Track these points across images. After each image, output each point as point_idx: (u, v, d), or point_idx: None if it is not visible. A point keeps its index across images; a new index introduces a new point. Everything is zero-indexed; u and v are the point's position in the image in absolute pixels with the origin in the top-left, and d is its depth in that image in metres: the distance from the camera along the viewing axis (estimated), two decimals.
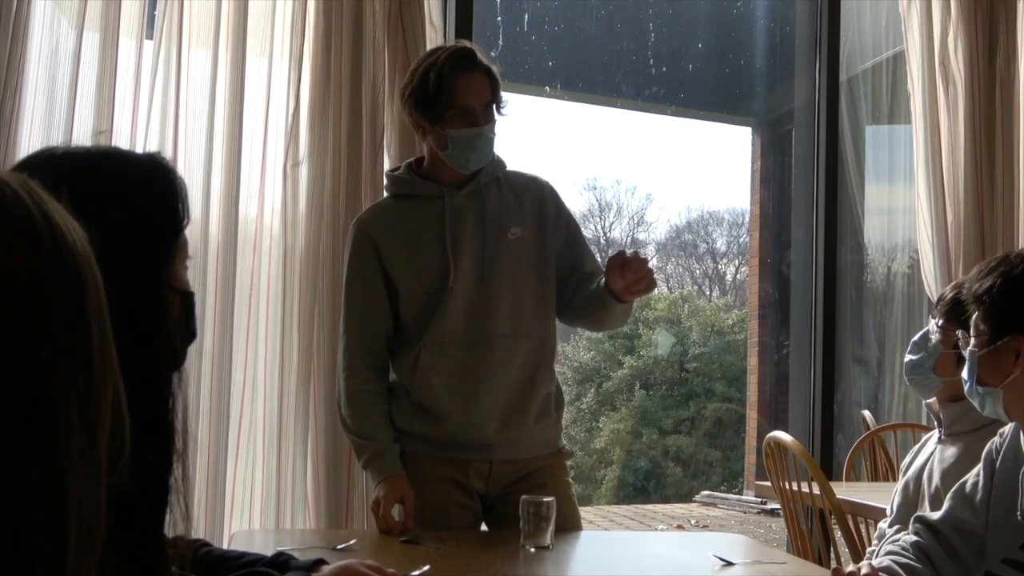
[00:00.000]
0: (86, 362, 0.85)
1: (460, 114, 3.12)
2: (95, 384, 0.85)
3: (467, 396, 3.18)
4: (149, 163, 1.45)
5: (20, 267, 0.81)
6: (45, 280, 0.82)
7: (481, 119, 3.13)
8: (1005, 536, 2.41)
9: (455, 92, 3.10)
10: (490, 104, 3.15)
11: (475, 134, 3.13)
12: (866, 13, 6.24)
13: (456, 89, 3.10)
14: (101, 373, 0.86)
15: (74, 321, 0.84)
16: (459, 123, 3.12)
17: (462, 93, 3.11)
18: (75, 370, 0.83)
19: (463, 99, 3.11)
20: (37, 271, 0.82)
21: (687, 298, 16.21)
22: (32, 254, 0.82)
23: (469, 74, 3.12)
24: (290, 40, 4.45)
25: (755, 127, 10.59)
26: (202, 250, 4.24)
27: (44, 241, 0.83)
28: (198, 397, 4.15)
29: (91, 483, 0.84)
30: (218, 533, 4.13)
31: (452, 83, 3.10)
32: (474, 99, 3.12)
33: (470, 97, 3.12)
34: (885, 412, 6.16)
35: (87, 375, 0.85)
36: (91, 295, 0.86)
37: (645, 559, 2.91)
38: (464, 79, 3.11)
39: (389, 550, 2.79)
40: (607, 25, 10.57)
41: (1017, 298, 2.27)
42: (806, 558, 3.90)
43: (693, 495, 12.56)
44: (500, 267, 3.20)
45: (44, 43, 4.05)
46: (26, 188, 0.85)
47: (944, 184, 5.87)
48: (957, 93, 5.88)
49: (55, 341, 0.82)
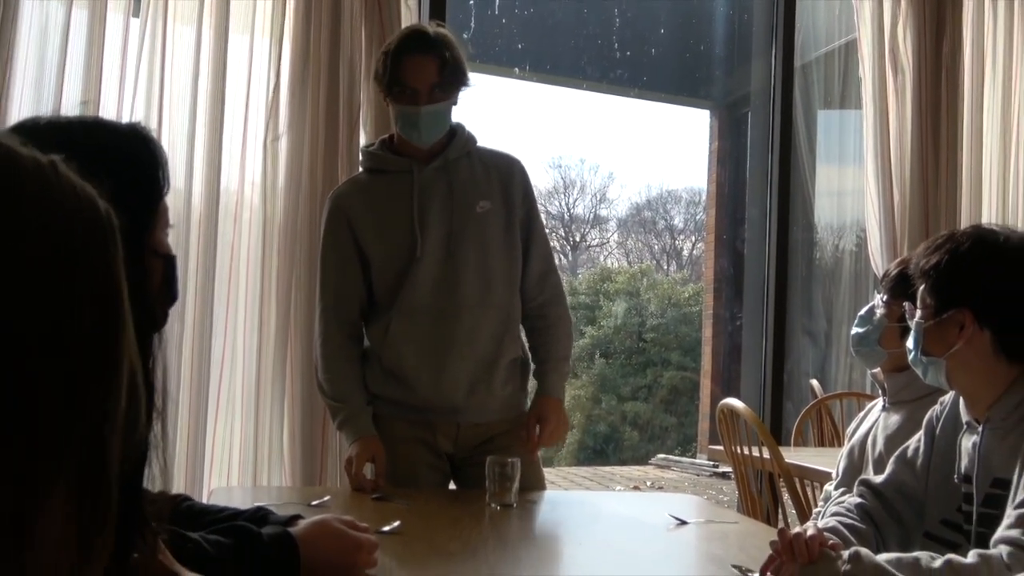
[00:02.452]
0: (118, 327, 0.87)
1: (403, 92, 3.14)
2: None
3: (436, 363, 3.17)
4: (130, 132, 1.44)
5: (90, 243, 0.85)
6: (107, 256, 0.86)
7: (422, 99, 3.13)
8: (943, 499, 2.43)
9: (400, 72, 3.13)
10: (437, 85, 3.14)
11: (413, 112, 3.14)
12: (820, 2, 6.26)
13: (401, 69, 3.13)
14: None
15: (107, 285, 0.86)
16: (403, 100, 3.15)
17: (406, 74, 3.13)
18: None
19: (406, 79, 3.13)
20: (102, 246, 0.86)
21: (646, 272, 16.26)
22: (88, 232, 0.86)
23: (415, 56, 3.13)
24: (271, 18, 4.43)
25: (713, 110, 10.60)
26: (184, 220, 4.22)
27: (83, 225, 0.86)
28: (179, 360, 4.15)
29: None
30: (198, 489, 4.12)
31: (398, 63, 3.13)
32: (417, 80, 3.13)
33: (413, 78, 3.13)
34: (832, 381, 6.20)
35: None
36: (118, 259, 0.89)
37: (604, 518, 2.92)
38: (409, 60, 3.12)
39: (361, 506, 2.79)
40: (574, 10, 10.56)
41: (962, 273, 2.28)
42: (756, 518, 3.92)
43: (649, 458, 12.62)
44: (467, 239, 3.20)
45: (34, 19, 4.01)
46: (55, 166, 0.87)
47: (891, 167, 5.90)
48: (905, 80, 5.90)
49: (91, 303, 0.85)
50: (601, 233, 17.30)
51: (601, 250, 17.50)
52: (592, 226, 17.19)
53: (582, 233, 17.24)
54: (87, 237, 0.86)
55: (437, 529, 2.58)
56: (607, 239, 17.35)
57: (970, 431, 2.36)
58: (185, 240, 4.20)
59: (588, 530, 2.72)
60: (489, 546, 2.47)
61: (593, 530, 2.73)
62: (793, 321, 6.18)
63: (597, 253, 17.44)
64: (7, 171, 0.84)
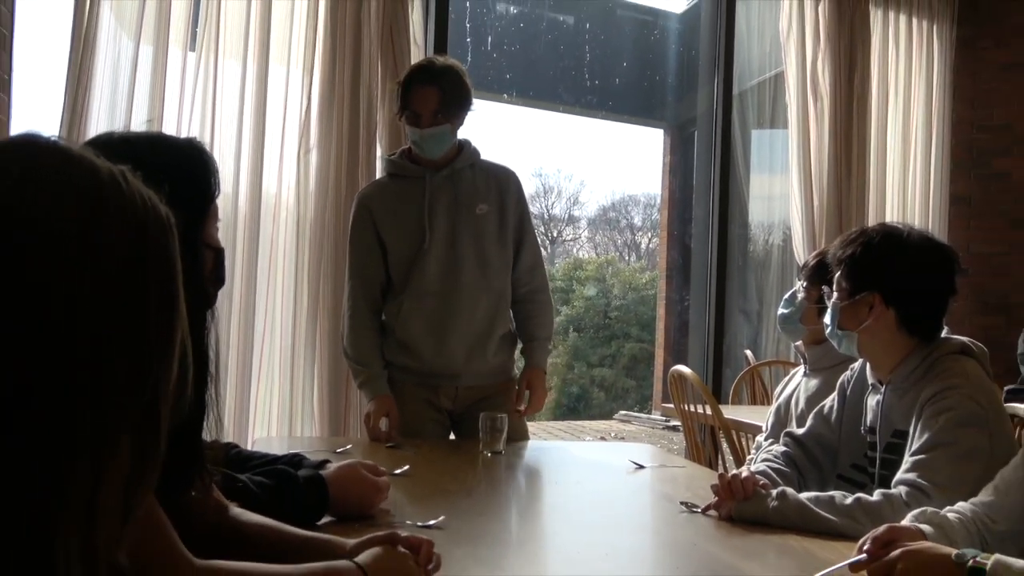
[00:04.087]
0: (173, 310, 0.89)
1: (412, 116, 3.13)
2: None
3: (439, 336, 3.17)
4: (187, 145, 1.43)
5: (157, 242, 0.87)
6: (167, 251, 0.88)
7: (424, 122, 3.12)
8: (853, 447, 2.43)
9: (409, 99, 3.13)
10: (439, 111, 3.12)
11: (417, 132, 3.14)
12: (754, 41, 6.24)
13: (410, 97, 3.13)
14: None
15: (170, 282, 0.88)
16: (411, 122, 3.15)
17: (412, 100, 3.12)
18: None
19: (413, 105, 3.12)
20: (162, 245, 0.88)
21: (610, 262, 16.25)
22: (152, 235, 0.87)
23: (421, 86, 3.12)
24: (303, 53, 4.41)
25: (666, 129, 10.57)
26: (232, 218, 4.20)
27: (150, 226, 0.87)
28: (228, 333, 4.14)
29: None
30: (244, 438, 4.12)
31: (407, 92, 3.13)
32: (420, 106, 3.12)
33: (417, 104, 3.12)
34: (762, 352, 6.21)
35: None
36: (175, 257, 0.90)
37: (576, 463, 2.93)
38: (416, 90, 3.12)
39: (377, 453, 2.79)
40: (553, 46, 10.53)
41: (873, 262, 2.29)
42: (700, 464, 3.93)
43: (613, 414, 12.61)
44: (467, 235, 3.19)
45: (109, 53, 3.98)
46: (125, 176, 0.88)
47: (812, 176, 5.92)
48: (823, 106, 5.91)
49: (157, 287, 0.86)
50: (574, 230, 17.26)
51: (574, 244, 17.46)
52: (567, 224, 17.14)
53: (559, 230, 17.19)
54: (153, 234, 0.87)
55: (439, 472, 2.58)
56: (579, 235, 17.32)
57: (875, 391, 2.37)
58: (232, 235, 4.19)
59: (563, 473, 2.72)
60: (482, 486, 2.47)
61: (567, 473, 2.73)
62: (731, 302, 6.18)
63: (571, 246, 17.41)
64: (90, 181, 0.84)
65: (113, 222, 0.83)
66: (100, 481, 0.81)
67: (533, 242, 3.33)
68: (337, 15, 4.42)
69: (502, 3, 10.07)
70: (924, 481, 2.03)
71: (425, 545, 1.53)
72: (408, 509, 2.09)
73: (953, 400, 2.12)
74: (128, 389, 0.83)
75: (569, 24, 10.65)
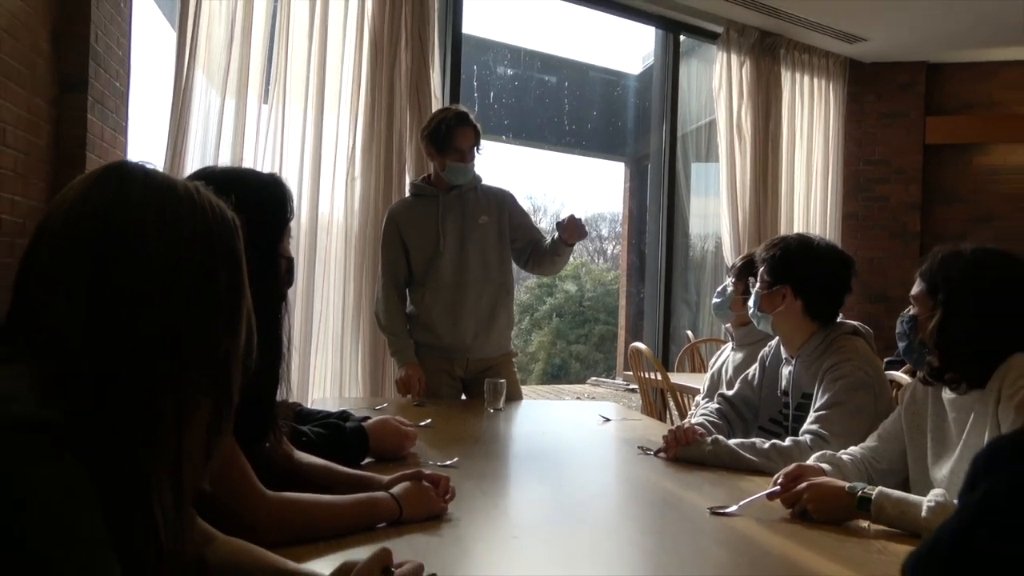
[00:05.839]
0: (238, 298, 0.88)
1: (456, 152, 3.09)
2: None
3: (453, 320, 3.16)
4: (270, 178, 1.42)
5: (226, 244, 0.86)
6: (234, 248, 0.87)
7: (468, 157, 3.10)
8: (771, 405, 2.43)
9: (454, 138, 3.07)
10: (473, 146, 3.11)
11: (462, 166, 3.11)
12: (693, 94, 6.24)
13: (455, 136, 3.07)
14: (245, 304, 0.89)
15: (237, 273, 0.87)
16: (455, 158, 3.10)
17: (458, 139, 3.07)
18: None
19: (458, 143, 3.08)
20: (230, 245, 0.87)
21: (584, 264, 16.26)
22: (223, 236, 0.87)
23: (464, 127, 3.08)
24: (350, 103, 4.39)
25: (626, 163, 10.57)
26: (296, 232, 4.18)
27: (218, 228, 0.86)
28: (295, 319, 4.13)
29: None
30: (306, 398, 4.11)
31: (453, 132, 3.07)
32: (464, 143, 3.08)
33: (463, 142, 3.08)
34: (700, 331, 6.21)
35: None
36: (240, 259, 0.89)
37: (558, 417, 2.92)
38: (461, 131, 3.07)
39: (407, 410, 2.78)
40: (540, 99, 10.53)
41: (788, 262, 2.28)
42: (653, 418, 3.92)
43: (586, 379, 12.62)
44: (473, 240, 3.17)
45: (200, 106, 3.96)
46: (205, 195, 0.88)
47: (737, 199, 5.91)
48: (746, 145, 5.91)
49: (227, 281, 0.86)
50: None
51: None
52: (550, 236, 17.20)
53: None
54: (220, 234, 0.86)
55: (454, 424, 2.58)
56: None
57: (787, 363, 2.37)
58: (297, 245, 4.17)
59: (548, 425, 2.72)
60: (487, 435, 2.47)
61: (551, 425, 2.72)
62: (676, 294, 6.19)
63: None
64: (169, 195, 0.84)
65: (187, 226, 0.83)
66: (183, 433, 0.81)
67: (534, 227, 3.29)
68: (375, 74, 4.40)
69: (501, 67, 10.08)
70: (824, 431, 2.03)
71: (443, 480, 1.56)
72: (430, 452, 2.08)
73: (846, 369, 2.12)
74: (203, 365, 0.82)
75: (553, 82, 10.65)
